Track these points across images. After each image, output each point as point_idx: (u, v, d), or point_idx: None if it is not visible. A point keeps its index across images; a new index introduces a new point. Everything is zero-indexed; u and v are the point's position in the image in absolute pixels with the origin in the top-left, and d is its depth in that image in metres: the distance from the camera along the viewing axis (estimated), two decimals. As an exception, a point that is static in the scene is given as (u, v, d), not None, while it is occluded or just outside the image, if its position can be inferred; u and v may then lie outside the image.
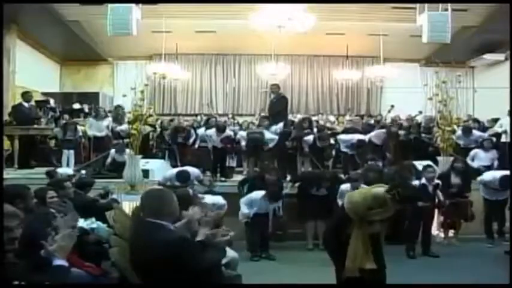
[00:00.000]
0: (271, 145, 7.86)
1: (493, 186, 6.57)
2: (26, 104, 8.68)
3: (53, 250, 2.54)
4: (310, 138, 7.95)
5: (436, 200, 6.22)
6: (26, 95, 8.79)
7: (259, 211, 6.05)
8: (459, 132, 8.22)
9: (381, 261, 3.49)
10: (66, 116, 9.03)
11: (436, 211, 6.48)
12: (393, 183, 3.45)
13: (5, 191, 3.78)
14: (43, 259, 2.58)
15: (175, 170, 6.81)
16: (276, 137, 7.93)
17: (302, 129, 8.08)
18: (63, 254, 2.56)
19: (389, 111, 13.24)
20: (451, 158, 7.17)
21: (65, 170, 7.47)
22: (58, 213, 4.15)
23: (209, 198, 5.59)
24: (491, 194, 6.66)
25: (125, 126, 8.35)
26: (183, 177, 6.42)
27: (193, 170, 6.67)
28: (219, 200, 5.90)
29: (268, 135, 7.95)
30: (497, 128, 8.87)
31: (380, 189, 3.42)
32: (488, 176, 6.75)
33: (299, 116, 10.77)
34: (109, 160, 8.03)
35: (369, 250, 3.38)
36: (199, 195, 5.25)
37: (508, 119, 8.72)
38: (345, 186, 6.11)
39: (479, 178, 6.79)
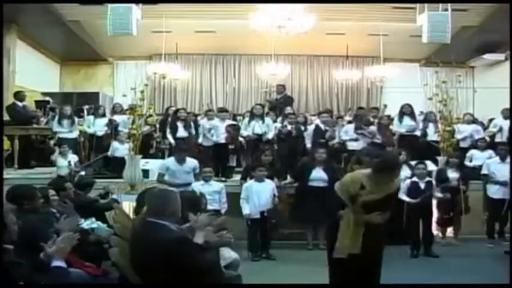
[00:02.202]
0: (270, 135, 7.88)
1: (496, 171, 6.62)
2: (19, 104, 8.64)
3: (51, 252, 2.56)
4: (312, 126, 8.02)
5: (433, 197, 6.22)
6: (19, 95, 8.76)
7: (261, 204, 6.05)
8: (459, 125, 8.27)
9: (376, 250, 3.51)
10: (67, 108, 8.97)
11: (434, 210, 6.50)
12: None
13: (12, 191, 3.80)
14: (42, 260, 2.59)
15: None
16: (273, 126, 8.02)
17: (299, 124, 8.11)
18: (61, 256, 2.57)
19: (383, 111, 13.19)
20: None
21: (73, 156, 7.74)
22: (59, 213, 4.17)
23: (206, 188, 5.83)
24: (497, 192, 6.63)
25: (123, 117, 8.41)
26: (181, 155, 6.50)
27: (192, 160, 6.70)
28: (218, 184, 6.17)
29: (268, 120, 8.07)
30: (491, 129, 8.89)
31: (369, 169, 3.54)
32: (489, 160, 6.87)
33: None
34: (110, 152, 8.05)
35: (359, 235, 3.43)
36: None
37: (501, 118, 8.76)
38: None
39: (483, 168, 6.82)
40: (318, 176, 6.47)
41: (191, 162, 6.57)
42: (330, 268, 3.72)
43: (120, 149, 7.96)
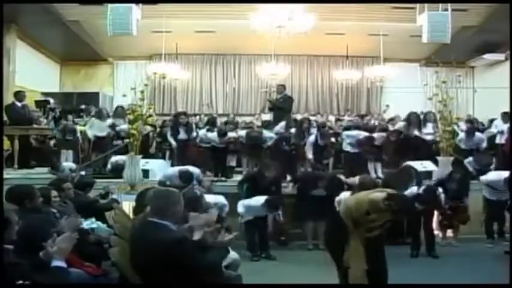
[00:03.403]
0: (269, 143, 7.89)
1: (496, 187, 6.49)
2: (18, 104, 8.63)
3: (52, 252, 2.56)
4: (311, 138, 7.99)
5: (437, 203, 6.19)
6: (19, 95, 8.74)
7: (258, 214, 6.06)
8: (462, 135, 8.23)
9: (380, 262, 3.49)
10: (70, 117, 9.01)
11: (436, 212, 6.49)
12: (390, 194, 3.42)
13: (11, 191, 3.80)
14: (42, 260, 2.59)
15: (177, 168, 6.78)
16: (274, 136, 7.98)
17: (301, 133, 8.08)
18: (62, 256, 2.58)
19: (384, 111, 13.22)
20: (451, 158, 7.17)
21: (68, 164, 7.65)
22: (59, 213, 4.17)
23: (210, 198, 5.61)
24: (494, 194, 6.61)
25: (125, 126, 8.39)
26: (186, 177, 6.40)
27: (194, 170, 6.66)
28: (221, 199, 5.93)
29: (267, 134, 8.01)
30: (492, 130, 8.89)
31: (378, 194, 3.41)
32: (492, 176, 6.67)
33: (299, 117, 10.75)
34: (109, 167, 8.03)
35: (364, 251, 3.40)
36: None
37: (501, 122, 8.76)
38: (344, 194, 6.05)
39: (482, 177, 6.71)
40: (319, 193, 6.52)
41: (194, 176, 6.55)
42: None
43: (119, 159, 7.92)
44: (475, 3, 9.89)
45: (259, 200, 5.99)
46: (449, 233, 6.83)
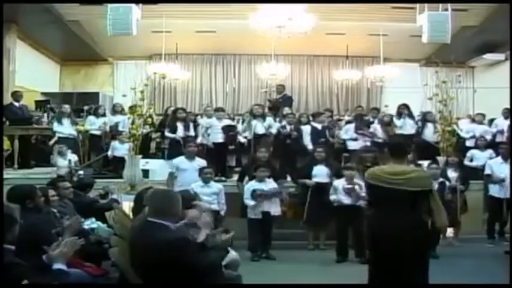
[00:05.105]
0: (273, 131, 7.93)
1: (497, 173, 6.64)
2: (16, 104, 8.62)
3: (54, 256, 2.56)
4: (307, 126, 8.13)
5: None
6: (15, 95, 8.73)
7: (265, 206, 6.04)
8: (471, 125, 8.31)
9: None
10: (66, 106, 9.01)
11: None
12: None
13: (12, 191, 3.80)
14: (43, 262, 2.60)
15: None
16: (273, 123, 8.08)
17: (298, 121, 8.20)
18: (64, 260, 2.58)
19: (383, 112, 13.18)
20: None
21: (70, 155, 7.67)
22: (59, 213, 4.17)
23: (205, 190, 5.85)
24: (499, 191, 6.63)
25: (123, 117, 8.44)
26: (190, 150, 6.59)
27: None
28: (216, 184, 6.21)
29: (268, 120, 8.12)
30: (492, 129, 8.91)
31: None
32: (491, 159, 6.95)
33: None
34: (110, 152, 8.09)
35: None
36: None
37: (502, 118, 8.80)
38: (338, 182, 6.05)
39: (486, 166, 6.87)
40: (320, 171, 6.48)
41: (199, 161, 6.60)
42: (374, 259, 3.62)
43: (120, 148, 7.99)
44: (475, 3, 9.88)
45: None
46: (450, 233, 6.83)
